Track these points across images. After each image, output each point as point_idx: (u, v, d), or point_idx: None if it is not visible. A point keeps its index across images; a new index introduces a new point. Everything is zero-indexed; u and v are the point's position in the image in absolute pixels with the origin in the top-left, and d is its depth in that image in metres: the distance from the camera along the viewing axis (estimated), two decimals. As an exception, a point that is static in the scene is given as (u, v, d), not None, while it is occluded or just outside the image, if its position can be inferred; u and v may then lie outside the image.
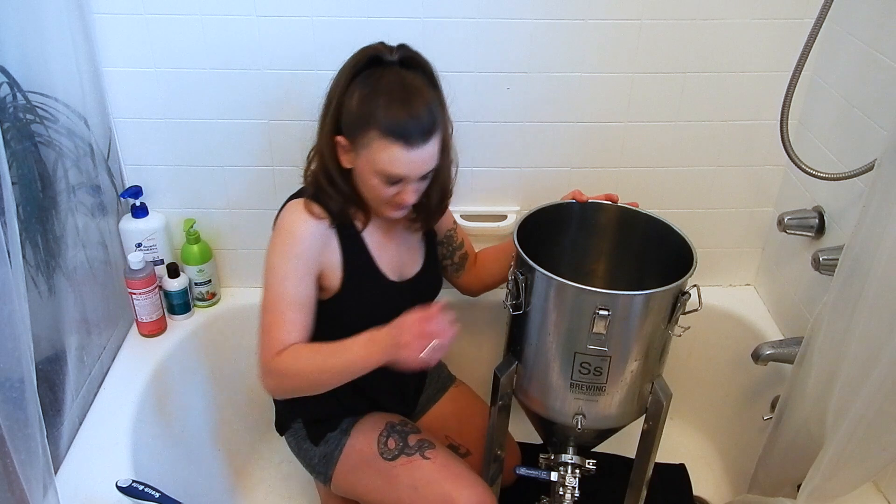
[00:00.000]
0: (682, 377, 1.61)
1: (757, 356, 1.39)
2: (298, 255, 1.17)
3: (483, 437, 1.41)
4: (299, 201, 1.20)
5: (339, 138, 1.15)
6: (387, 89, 1.10)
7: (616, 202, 1.34)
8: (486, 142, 1.53)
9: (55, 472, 1.17)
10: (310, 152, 1.23)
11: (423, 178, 1.16)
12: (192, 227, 1.56)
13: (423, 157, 1.12)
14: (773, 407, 1.40)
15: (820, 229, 1.42)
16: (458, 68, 1.42)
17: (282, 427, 1.43)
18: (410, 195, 1.16)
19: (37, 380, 0.99)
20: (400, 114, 1.08)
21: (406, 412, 1.46)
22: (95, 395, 1.38)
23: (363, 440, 1.33)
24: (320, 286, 1.23)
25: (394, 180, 1.13)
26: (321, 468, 1.35)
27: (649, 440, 1.29)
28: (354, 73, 1.12)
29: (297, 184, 1.59)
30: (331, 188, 1.18)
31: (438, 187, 1.25)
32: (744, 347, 1.48)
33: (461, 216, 1.57)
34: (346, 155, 1.16)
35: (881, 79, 1.24)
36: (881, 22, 1.25)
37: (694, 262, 1.17)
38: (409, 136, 1.09)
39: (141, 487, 1.16)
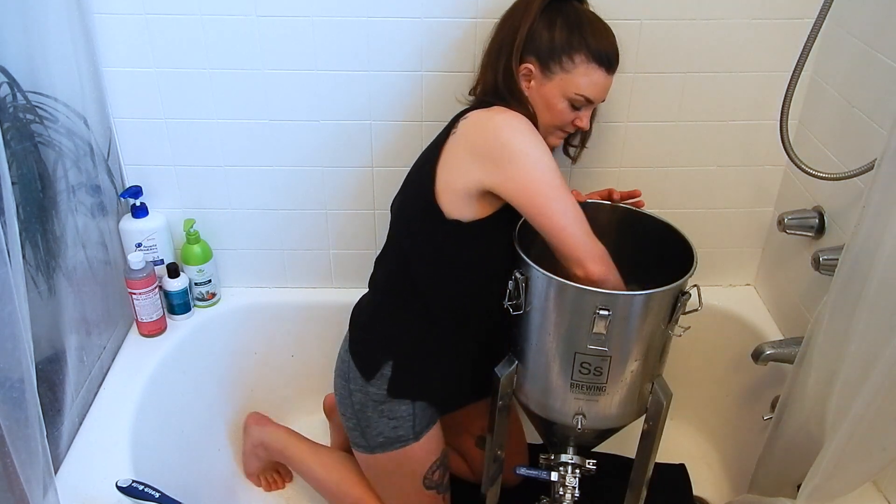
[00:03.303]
0: (682, 377, 1.61)
1: (757, 356, 1.39)
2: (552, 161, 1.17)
3: (512, 433, 1.42)
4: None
5: (528, 64, 1.21)
6: (588, 20, 1.21)
7: (614, 196, 1.35)
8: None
9: (55, 472, 1.17)
10: (475, 87, 1.31)
11: (594, 106, 1.26)
12: (192, 227, 1.56)
13: (609, 83, 1.24)
14: (773, 407, 1.40)
15: (820, 229, 1.42)
16: (459, 68, 1.42)
17: (370, 368, 1.31)
18: (586, 120, 1.26)
19: (37, 380, 0.99)
20: (606, 42, 1.20)
21: (474, 398, 1.45)
22: (95, 395, 1.38)
23: (421, 456, 1.34)
24: (488, 201, 1.20)
25: (581, 104, 1.22)
26: (374, 442, 1.33)
27: (649, 440, 1.29)
28: (543, 6, 1.20)
29: (297, 183, 1.59)
30: None
31: (593, 119, 1.34)
32: (744, 347, 1.47)
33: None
34: (531, 81, 1.22)
35: (881, 79, 1.24)
36: (881, 22, 1.25)
37: (694, 263, 1.17)
38: (611, 62, 1.21)
39: (141, 487, 1.16)
